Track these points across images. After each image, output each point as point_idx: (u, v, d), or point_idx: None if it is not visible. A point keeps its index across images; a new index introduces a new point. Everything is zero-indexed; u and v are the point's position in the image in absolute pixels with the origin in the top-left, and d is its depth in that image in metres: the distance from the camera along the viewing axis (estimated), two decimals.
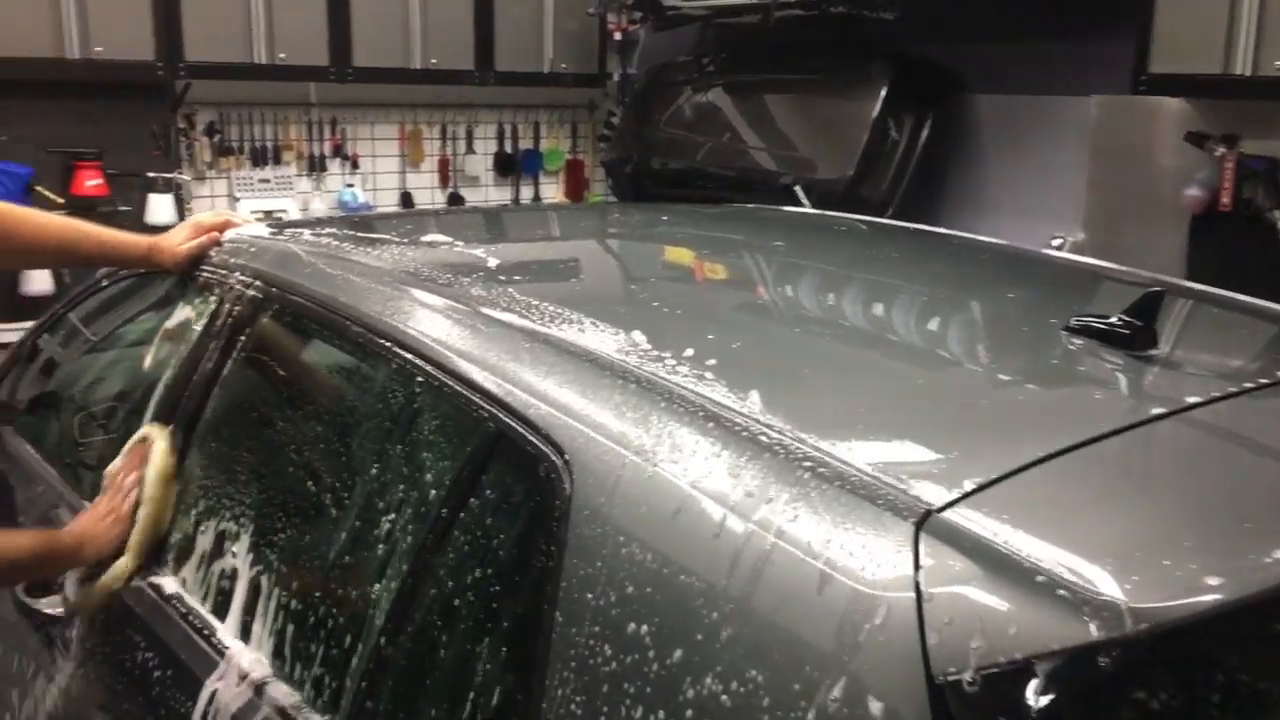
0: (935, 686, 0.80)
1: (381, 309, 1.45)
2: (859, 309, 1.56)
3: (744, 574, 0.92)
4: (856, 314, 1.53)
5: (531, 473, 1.13)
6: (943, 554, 0.87)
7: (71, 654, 1.72)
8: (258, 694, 1.34)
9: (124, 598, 1.63)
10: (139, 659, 1.56)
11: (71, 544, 1.63)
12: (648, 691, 0.94)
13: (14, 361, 2.60)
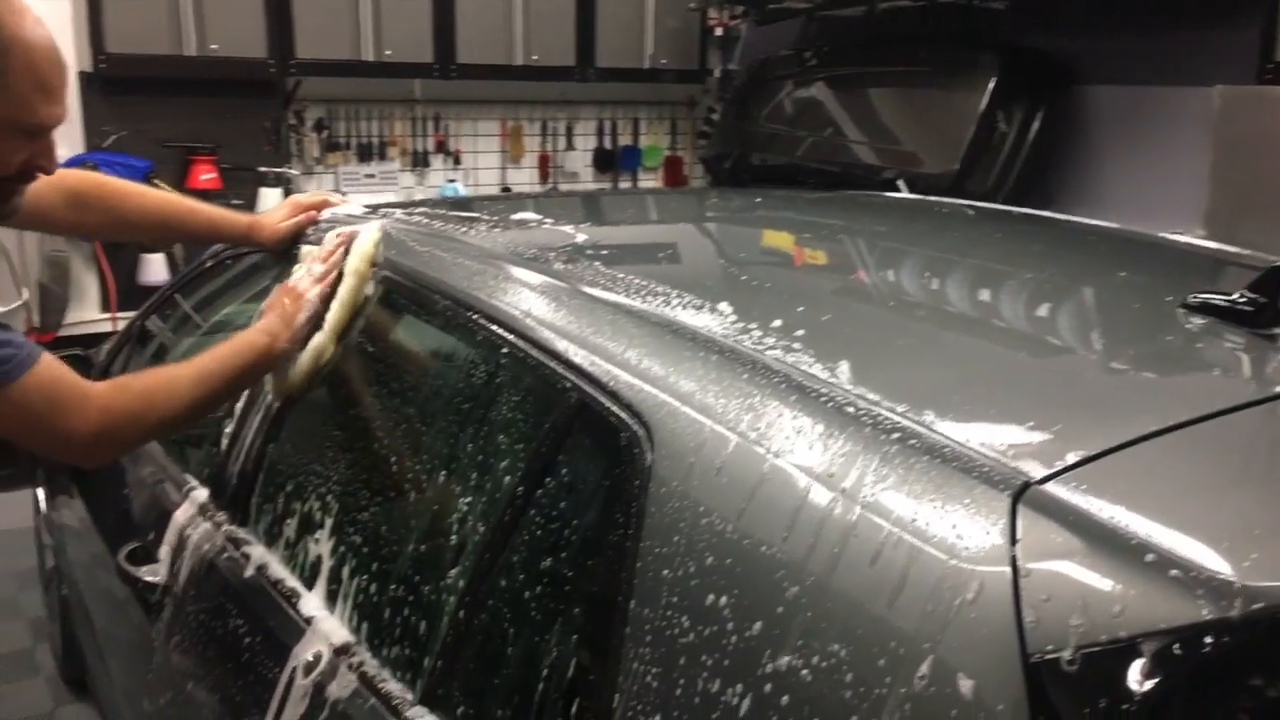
0: (1031, 665, 0.75)
1: (468, 283, 1.45)
2: (960, 287, 1.49)
3: (828, 546, 0.88)
4: (957, 292, 1.47)
5: (613, 443, 1.11)
6: (1042, 528, 0.81)
7: (166, 621, 1.76)
8: (341, 663, 1.35)
9: (215, 565, 1.66)
10: (229, 625, 1.58)
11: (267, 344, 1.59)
12: (725, 664, 0.91)
13: (124, 342, 2.69)
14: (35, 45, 1.36)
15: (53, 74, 1.39)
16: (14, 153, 1.40)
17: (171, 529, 1.84)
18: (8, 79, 1.34)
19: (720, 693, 0.90)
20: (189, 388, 1.49)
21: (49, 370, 1.36)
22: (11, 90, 1.35)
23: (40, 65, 1.37)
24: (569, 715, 1.06)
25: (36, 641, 3.41)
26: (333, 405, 1.67)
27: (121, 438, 1.45)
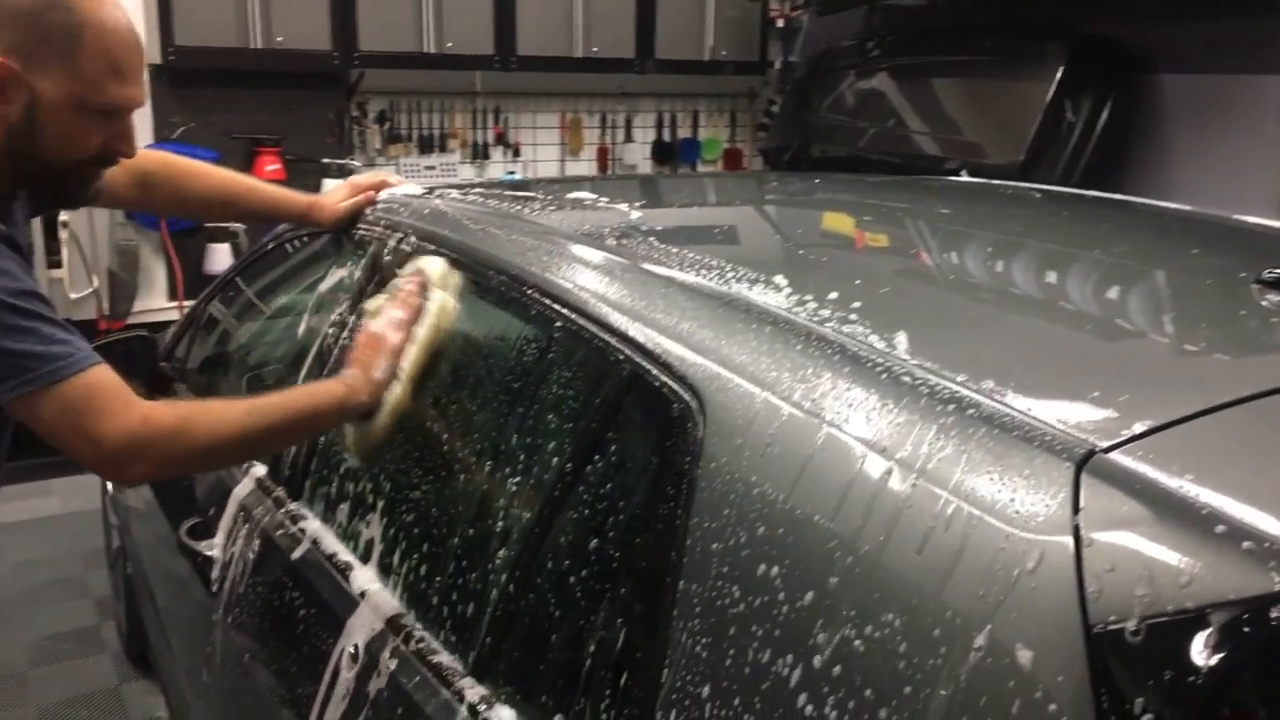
0: (1093, 636, 0.73)
1: (522, 258, 1.45)
2: (1025, 264, 1.46)
3: (883, 516, 0.86)
4: (1021, 269, 1.44)
5: (665, 415, 1.10)
6: (1107, 497, 0.79)
7: (224, 594, 1.78)
8: (392, 636, 1.35)
9: (272, 539, 1.68)
10: (284, 598, 1.60)
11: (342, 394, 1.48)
12: (776, 634, 0.89)
13: (187, 326, 2.74)
14: (109, 26, 1.38)
15: (126, 56, 1.40)
16: (88, 134, 1.41)
17: (231, 504, 1.87)
18: (79, 58, 1.36)
19: (771, 663, 0.89)
20: (239, 418, 1.40)
21: (100, 376, 1.33)
22: (83, 69, 1.36)
23: (114, 47, 1.38)
24: (618, 686, 1.05)
25: (102, 619, 3.49)
26: None
27: (156, 453, 1.34)
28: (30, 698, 3.08)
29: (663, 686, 0.96)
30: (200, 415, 1.39)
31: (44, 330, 1.31)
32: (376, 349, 1.51)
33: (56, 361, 1.30)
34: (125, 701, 3.07)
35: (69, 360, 1.30)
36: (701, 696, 0.93)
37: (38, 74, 1.35)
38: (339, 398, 1.48)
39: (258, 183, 1.97)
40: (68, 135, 1.40)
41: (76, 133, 1.40)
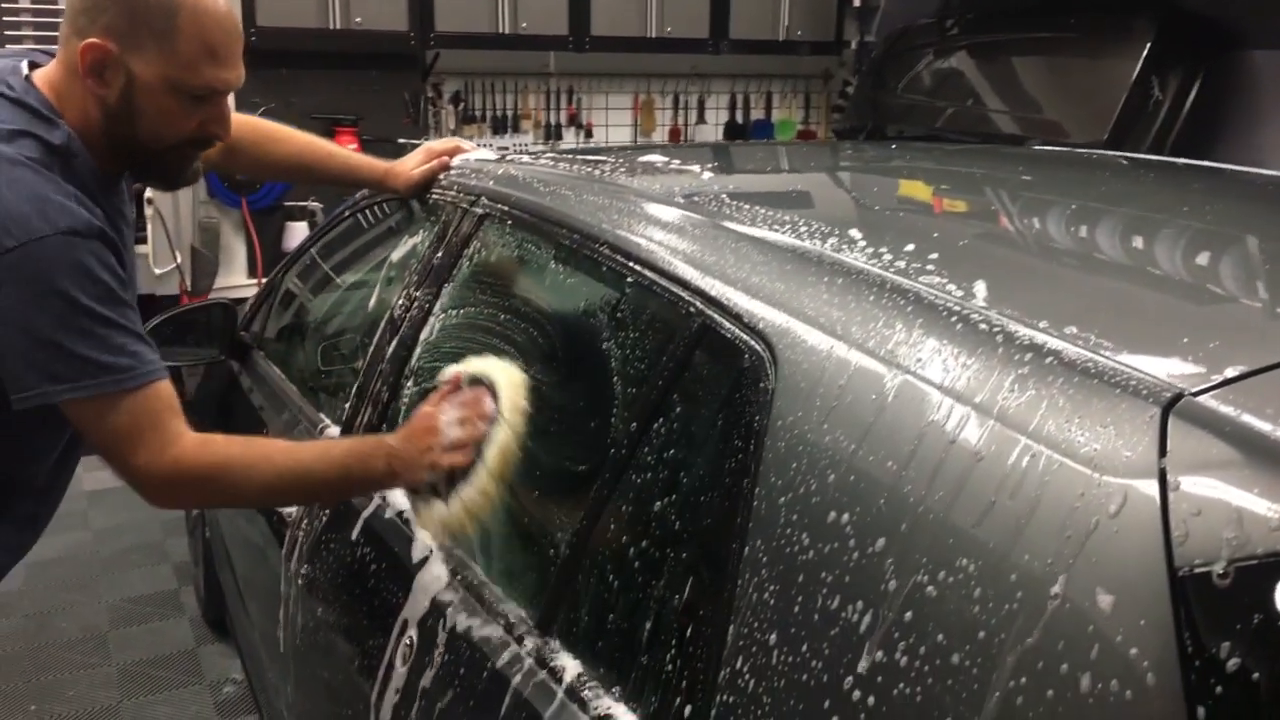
0: (1178, 579, 0.70)
1: (592, 216, 1.45)
2: (1111, 222, 1.41)
3: (958, 461, 0.84)
4: (1107, 227, 1.39)
5: (735, 365, 1.09)
6: (1195, 441, 0.76)
7: (298, 553, 1.81)
8: (461, 590, 1.36)
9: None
10: (355, 554, 1.62)
11: (383, 470, 1.43)
12: (846, 580, 0.88)
13: (264, 298, 2.79)
14: (206, 8, 1.37)
15: (223, 39, 1.39)
16: (183, 117, 1.41)
17: None
18: (175, 40, 1.35)
19: (840, 609, 0.87)
20: (270, 475, 1.39)
21: (150, 401, 1.32)
22: (178, 52, 1.36)
23: (210, 29, 1.37)
24: (684, 636, 1.04)
25: (181, 584, 3.58)
26: (455, 344, 1.69)
27: (182, 495, 1.38)
28: (111, 656, 3.17)
29: (730, 635, 0.95)
30: (234, 465, 1.38)
31: (114, 339, 1.30)
32: (430, 433, 1.40)
33: (115, 373, 1.30)
34: (202, 663, 3.15)
35: (128, 374, 1.30)
36: (769, 644, 0.92)
37: (134, 56, 1.35)
38: (378, 473, 1.43)
39: (337, 148, 2.00)
40: (163, 117, 1.40)
41: (172, 115, 1.40)
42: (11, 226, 1.27)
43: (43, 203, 1.29)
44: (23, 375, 1.30)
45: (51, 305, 1.28)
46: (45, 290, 1.28)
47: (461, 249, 1.73)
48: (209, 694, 3.00)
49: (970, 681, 0.77)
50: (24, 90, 1.39)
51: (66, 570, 3.66)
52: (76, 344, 1.28)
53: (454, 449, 1.38)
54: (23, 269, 1.27)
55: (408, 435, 1.43)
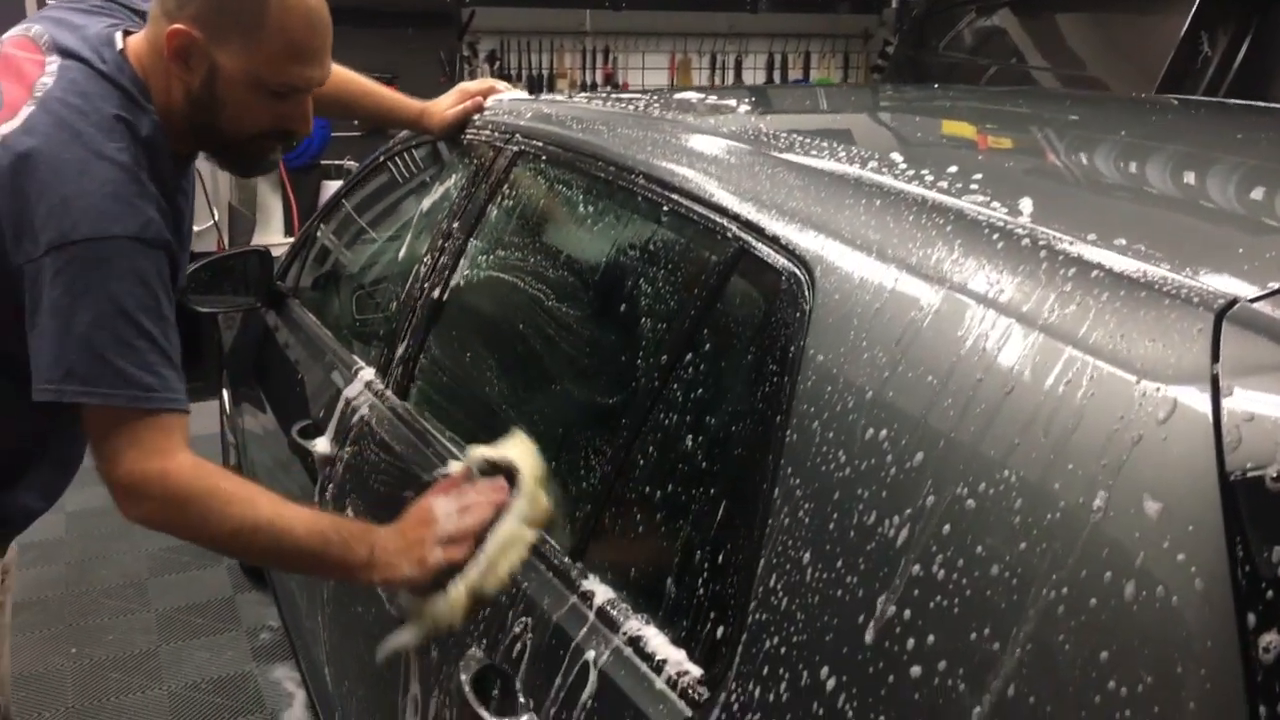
0: (1229, 484, 0.68)
1: (625, 148, 1.43)
2: (1160, 149, 1.37)
3: (1001, 372, 0.82)
4: (1156, 152, 1.35)
5: (773, 288, 1.07)
6: (1251, 345, 0.73)
7: (332, 489, 1.82)
8: None
9: (375, 430, 1.71)
10: (387, 483, 1.62)
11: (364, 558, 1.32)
12: (883, 496, 0.86)
13: (301, 246, 2.80)
14: (294, 4, 1.33)
15: (309, 38, 1.36)
16: (263, 111, 1.38)
17: (340, 401, 1.91)
18: (260, 35, 1.32)
19: (876, 525, 0.85)
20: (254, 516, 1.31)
21: (159, 427, 1.29)
22: (263, 48, 1.32)
23: (297, 27, 1.34)
24: (717, 558, 1.03)
25: None
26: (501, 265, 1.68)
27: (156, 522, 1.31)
28: (150, 603, 3.22)
29: (764, 554, 0.94)
30: (218, 496, 1.31)
31: (147, 355, 1.29)
32: (425, 525, 1.31)
33: (137, 389, 1.28)
34: (239, 610, 3.19)
35: (148, 394, 1.29)
36: (803, 562, 0.90)
37: (219, 46, 1.33)
38: (358, 562, 1.32)
39: (374, 86, 1.98)
40: (243, 109, 1.38)
41: (252, 108, 1.38)
42: (85, 219, 1.26)
43: (122, 203, 1.28)
44: (49, 367, 1.28)
45: (97, 304, 1.26)
46: (96, 288, 1.26)
47: (495, 187, 1.72)
48: (246, 640, 3.05)
49: (1009, 592, 0.75)
50: (117, 66, 1.36)
51: (107, 521, 3.71)
52: (108, 349, 1.27)
53: (450, 542, 1.28)
54: (84, 263, 1.26)
55: (399, 529, 1.33)
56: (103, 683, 2.83)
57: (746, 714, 0.90)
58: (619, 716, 1.03)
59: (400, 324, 1.85)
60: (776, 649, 0.90)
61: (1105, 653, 0.69)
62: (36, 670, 2.87)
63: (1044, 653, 0.72)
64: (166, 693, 2.80)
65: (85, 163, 1.28)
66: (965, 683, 0.76)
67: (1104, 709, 0.68)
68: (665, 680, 1.01)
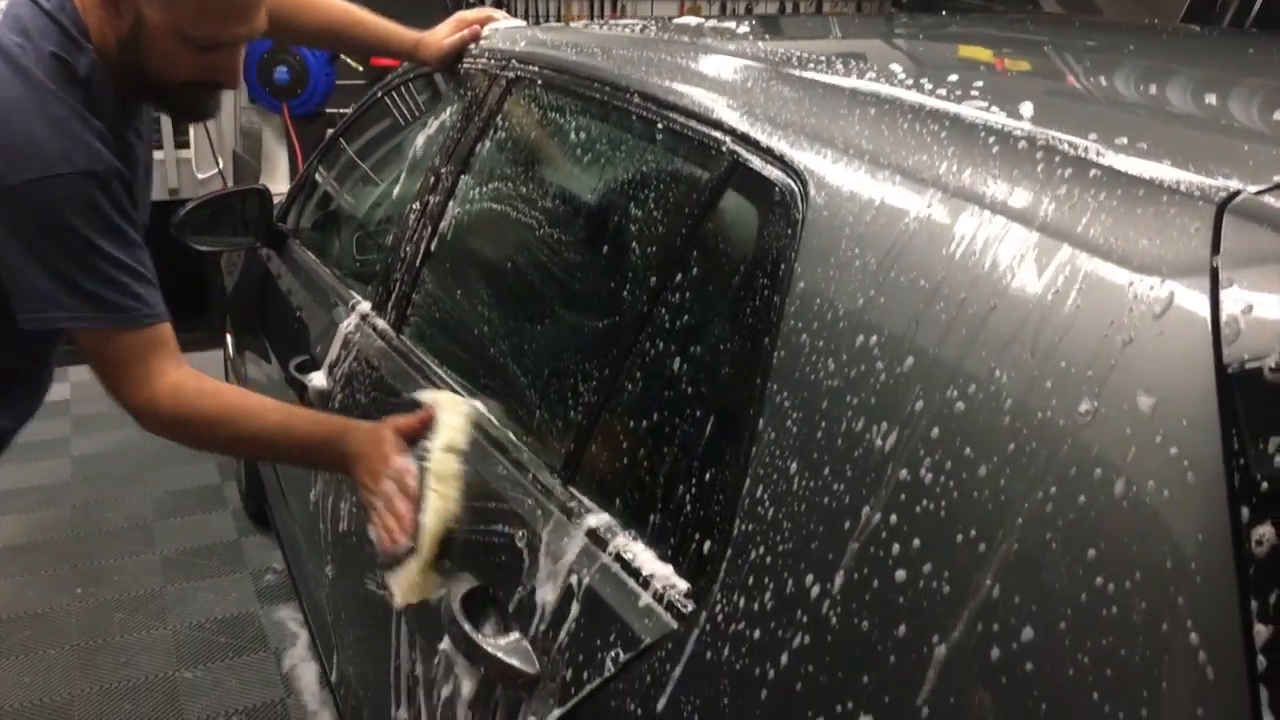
0: (1225, 377, 0.65)
1: (619, 69, 1.40)
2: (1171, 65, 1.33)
3: (995, 272, 0.80)
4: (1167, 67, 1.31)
5: (765, 200, 1.04)
6: (1252, 237, 0.71)
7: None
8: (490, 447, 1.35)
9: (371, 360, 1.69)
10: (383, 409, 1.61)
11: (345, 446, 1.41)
12: (872, 402, 0.84)
13: (301, 186, 2.77)
14: None
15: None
16: (188, 62, 1.38)
17: (337, 336, 1.89)
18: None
19: (864, 431, 0.83)
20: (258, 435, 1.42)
21: (149, 340, 1.37)
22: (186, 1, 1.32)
23: None
24: (705, 473, 1.02)
25: (224, 479, 3.63)
26: (488, 207, 1.66)
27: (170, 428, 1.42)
28: (156, 545, 3.24)
29: (751, 465, 0.92)
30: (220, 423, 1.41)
31: (122, 279, 1.34)
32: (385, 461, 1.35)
33: (118, 312, 1.34)
34: (244, 553, 3.21)
35: (131, 314, 1.35)
36: (790, 472, 0.89)
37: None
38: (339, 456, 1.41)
39: (368, 16, 1.95)
40: (169, 59, 1.38)
41: (178, 59, 1.38)
42: (34, 158, 1.29)
43: (69, 140, 1.31)
44: (29, 298, 1.34)
45: (63, 239, 1.31)
46: (58, 225, 1.30)
47: (491, 115, 1.69)
48: (250, 581, 3.06)
49: (997, 493, 0.73)
50: (59, 5, 1.37)
51: (113, 465, 3.73)
52: (86, 280, 1.32)
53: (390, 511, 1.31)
54: (35, 201, 1.29)
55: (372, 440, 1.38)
56: (108, 622, 2.85)
57: (731, 624, 0.89)
58: (606, 632, 1.02)
59: (396, 257, 1.83)
60: (762, 559, 0.88)
61: (1093, 550, 0.67)
62: (42, 610, 2.89)
63: (1030, 552, 0.70)
64: (171, 632, 2.82)
65: (28, 100, 1.30)
66: (950, 585, 0.74)
67: (1090, 606, 0.66)
68: (652, 594, 1.00)
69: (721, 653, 0.89)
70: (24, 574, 3.06)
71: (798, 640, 0.83)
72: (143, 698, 2.57)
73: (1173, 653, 0.63)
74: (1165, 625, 0.63)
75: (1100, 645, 0.65)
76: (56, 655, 2.71)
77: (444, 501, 1.27)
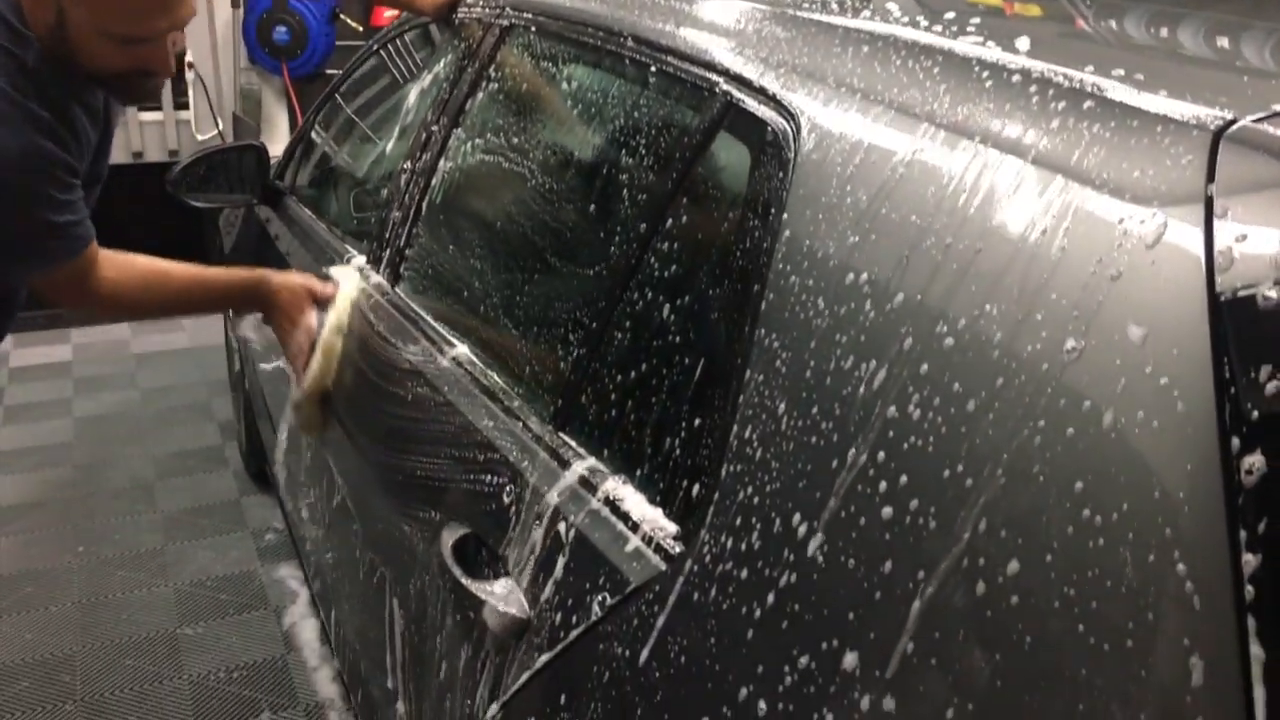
0: (1218, 304, 0.64)
1: (612, 14, 1.37)
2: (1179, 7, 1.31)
3: (986, 206, 0.78)
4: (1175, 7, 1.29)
5: (758, 140, 1.03)
6: (1249, 165, 0.69)
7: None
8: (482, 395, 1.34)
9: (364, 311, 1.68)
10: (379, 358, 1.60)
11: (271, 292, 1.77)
12: (861, 340, 0.83)
13: (297, 143, 2.75)
14: None
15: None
16: (115, 57, 1.40)
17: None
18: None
19: (853, 369, 0.82)
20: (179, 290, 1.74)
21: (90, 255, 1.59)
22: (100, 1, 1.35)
23: None
24: (695, 416, 1.01)
25: (226, 440, 3.64)
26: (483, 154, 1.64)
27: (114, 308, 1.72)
28: (157, 505, 3.24)
29: (740, 406, 0.91)
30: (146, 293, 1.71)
31: (79, 206, 1.52)
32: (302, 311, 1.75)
33: (84, 237, 1.55)
34: (245, 513, 3.21)
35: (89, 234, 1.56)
36: (778, 412, 0.88)
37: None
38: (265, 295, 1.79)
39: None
40: (96, 54, 1.39)
41: (104, 53, 1.39)
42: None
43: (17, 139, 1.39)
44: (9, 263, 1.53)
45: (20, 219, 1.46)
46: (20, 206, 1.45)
47: (486, 64, 1.67)
48: (251, 540, 3.07)
49: (985, 427, 0.72)
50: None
51: (115, 426, 3.73)
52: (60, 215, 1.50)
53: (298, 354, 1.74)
54: None
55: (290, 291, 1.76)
56: (109, 579, 2.86)
57: (719, 564, 0.88)
58: (595, 575, 1.02)
59: (390, 210, 1.82)
60: (750, 499, 0.88)
61: (1080, 483, 0.66)
62: (44, 567, 2.90)
63: (1017, 486, 0.69)
64: (172, 589, 2.83)
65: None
66: (937, 521, 0.73)
67: (1076, 539, 0.65)
68: (641, 538, 0.99)
69: (709, 593, 0.88)
70: (26, 532, 3.07)
71: (784, 579, 0.82)
72: (144, 653, 2.58)
73: (1160, 583, 0.62)
74: (1152, 556, 0.62)
75: (1086, 577, 0.64)
76: (58, 611, 2.72)
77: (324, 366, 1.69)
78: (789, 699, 0.79)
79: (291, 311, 1.73)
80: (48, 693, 2.43)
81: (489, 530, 1.20)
